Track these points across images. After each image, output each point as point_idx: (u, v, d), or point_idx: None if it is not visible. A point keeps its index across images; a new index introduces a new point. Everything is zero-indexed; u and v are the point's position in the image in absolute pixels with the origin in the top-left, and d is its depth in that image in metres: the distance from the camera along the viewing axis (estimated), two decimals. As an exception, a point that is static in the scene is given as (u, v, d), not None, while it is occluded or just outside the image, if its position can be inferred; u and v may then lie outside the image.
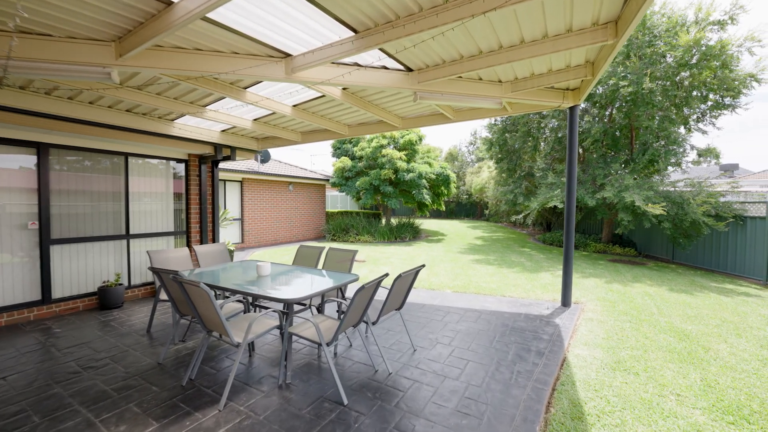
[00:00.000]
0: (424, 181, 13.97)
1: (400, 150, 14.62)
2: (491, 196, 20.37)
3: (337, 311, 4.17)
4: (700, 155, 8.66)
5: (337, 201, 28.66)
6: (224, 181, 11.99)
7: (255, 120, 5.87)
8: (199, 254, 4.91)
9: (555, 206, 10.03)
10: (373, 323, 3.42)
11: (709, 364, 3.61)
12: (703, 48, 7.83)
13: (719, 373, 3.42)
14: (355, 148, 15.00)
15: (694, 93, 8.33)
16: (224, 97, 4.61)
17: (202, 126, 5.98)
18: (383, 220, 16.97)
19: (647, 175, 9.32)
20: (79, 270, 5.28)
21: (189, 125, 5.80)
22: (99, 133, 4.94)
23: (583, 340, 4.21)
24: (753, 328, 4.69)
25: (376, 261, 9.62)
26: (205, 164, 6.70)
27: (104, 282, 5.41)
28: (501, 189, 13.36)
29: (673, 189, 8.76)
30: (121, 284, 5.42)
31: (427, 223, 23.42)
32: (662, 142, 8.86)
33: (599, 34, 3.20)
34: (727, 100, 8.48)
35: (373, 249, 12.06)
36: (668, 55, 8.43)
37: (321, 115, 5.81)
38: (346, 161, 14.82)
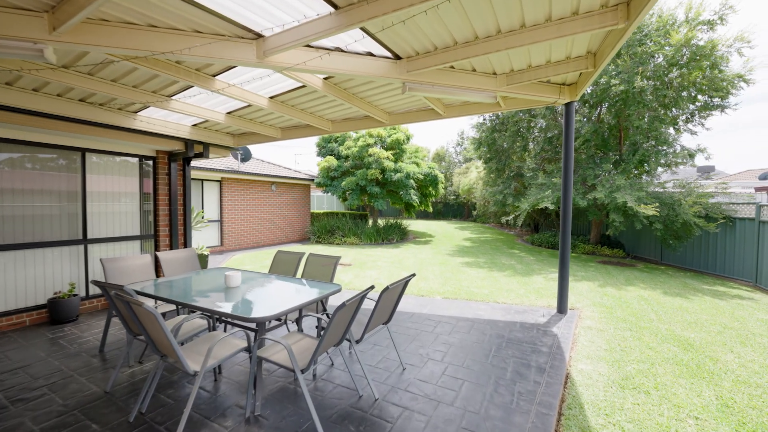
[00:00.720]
0: (411, 181, 13.63)
1: (387, 149, 14.24)
2: (479, 197, 20.22)
3: (317, 327, 3.74)
4: (690, 155, 8.60)
5: (323, 202, 28.12)
6: (202, 180, 11.36)
7: (229, 113, 5.37)
8: (163, 262, 4.39)
9: (545, 207, 9.83)
10: (357, 341, 3.01)
11: (720, 378, 3.34)
12: (694, 48, 7.74)
13: (734, 389, 3.15)
14: (341, 147, 14.54)
15: (684, 93, 8.24)
16: (191, 86, 4.12)
17: (170, 119, 5.44)
18: (370, 222, 16.56)
19: (637, 176, 9.22)
20: (27, 280, 4.68)
21: (155, 118, 5.26)
22: (47, 125, 4.36)
23: (584, 352, 3.90)
24: (756, 335, 4.49)
25: (362, 265, 9.20)
26: (175, 162, 6.15)
27: (56, 293, 4.82)
28: (490, 190, 13.13)
29: (662, 190, 8.66)
30: (75, 295, 4.84)
31: (414, 225, 23.13)
32: (652, 143, 8.77)
33: (608, 17, 2.88)
34: (716, 101, 8.43)
35: (359, 251, 11.64)
36: (657, 55, 8.32)
37: (301, 108, 5.36)
38: (331, 161, 14.34)
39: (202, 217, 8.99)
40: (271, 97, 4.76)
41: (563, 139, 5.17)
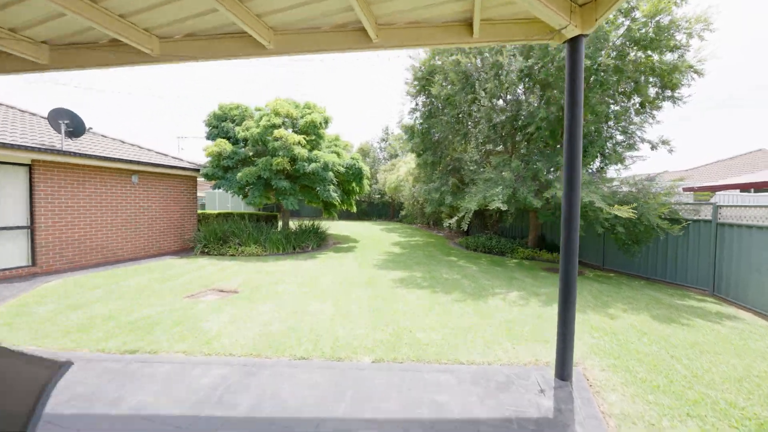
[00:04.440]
0: (330, 174, 10.95)
1: (299, 134, 11.32)
2: (408, 196, 18.43)
3: None
4: (653, 147, 7.71)
5: (227, 200, 23.68)
6: (-12, 163, 7.05)
7: None
8: None
9: (484, 208, 8.16)
10: None
11: None
12: (661, 22, 6.65)
13: None
14: (237, 128, 11.12)
15: (642, 78, 7.21)
16: None
17: None
18: (280, 224, 13.39)
19: (601, 171, 8.13)
20: None
21: None
22: None
23: None
24: (843, 402, 2.98)
25: (254, 291, 6.27)
26: None
27: None
28: (424, 187, 11.17)
29: (625, 188, 7.55)
30: None
31: (335, 227, 20.45)
32: (615, 132, 7.70)
33: None
34: (667, 92, 7.61)
35: (258, 267, 8.57)
36: (619, 29, 7.15)
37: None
38: (223, 144, 10.85)
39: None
40: None
41: (566, 97, 3.11)
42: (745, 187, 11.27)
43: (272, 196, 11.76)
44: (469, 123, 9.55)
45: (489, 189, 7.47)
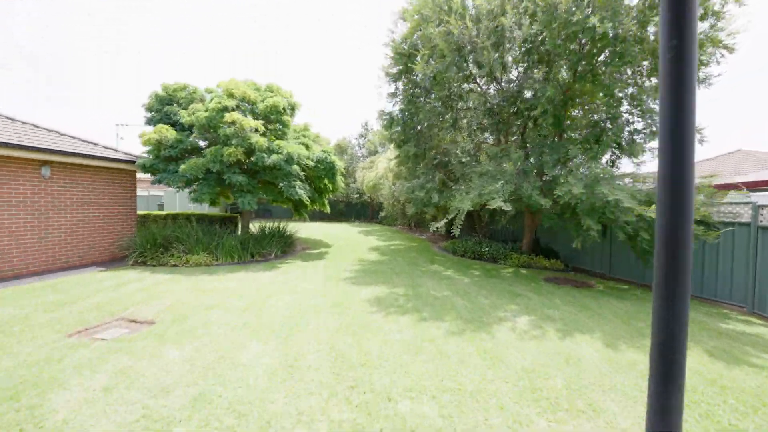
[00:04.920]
0: (296, 168, 9.25)
1: (260, 119, 9.57)
2: (388, 195, 16.89)
3: None
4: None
5: (186, 201, 21.42)
6: None
7: None
8: None
9: (477, 206, 6.76)
10: None
11: None
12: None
13: None
14: (182, 112, 9.25)
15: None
16: None
17: None
18: (240, 227, 11.56)
19: (612, 165, 6.91)
20: None
21: None
22: None
23: None
24: None
25: (178, 321, 4.55)
26: None
27: None
28: (407, 185, 9.60)
29: (645, 186, 6.30)
30: None
31: (307, 229, 18.68)
32: (632, 118, 6.47)
33: None
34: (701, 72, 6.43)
35: (199, 282, 6.81)
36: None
37: None
38: (165, 131, 8.95)
39: None
40: None
41: (664, 23, 1.63)
42: (751, 186, 10.46)
43: (230, 194, 9.96)
44: (460, 108, 8.11)
45: (486, 185, 6.06)
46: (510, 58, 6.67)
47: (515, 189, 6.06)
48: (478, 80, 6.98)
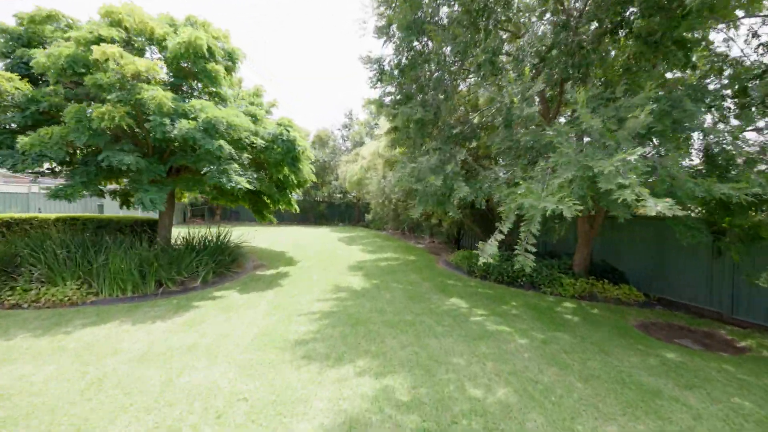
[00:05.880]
0: (226, 146, 5.67)
1: (168, 63, 6.00)
2: (376, 192, 13.32)
3: None
4: None
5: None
6: None
7: None
8: None
9: (487, 207, 3.38)
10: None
11: None
12: None
13: None
14: (34, 51, 5.58)
15: None
16: None
17: None
18: (159, 236, 7.85)
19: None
20: None
21: None
22: None
23: None
24: None
25: None
26: None
27: None
28: (410, 166, 5.57)
29: None
30: None
31: (275, 236, 15.01)
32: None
33: None
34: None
35: (34, 348, 3.20)
36: None
37: None
38: (4, 81, 5.28)
39: None
40: None
41: None
42: None
43: (125, 190, 6.34)
44: (504, 36, 4.68)
45: (594, 157, 2.71)
46: None
47: (654, 166, 2.75)
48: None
